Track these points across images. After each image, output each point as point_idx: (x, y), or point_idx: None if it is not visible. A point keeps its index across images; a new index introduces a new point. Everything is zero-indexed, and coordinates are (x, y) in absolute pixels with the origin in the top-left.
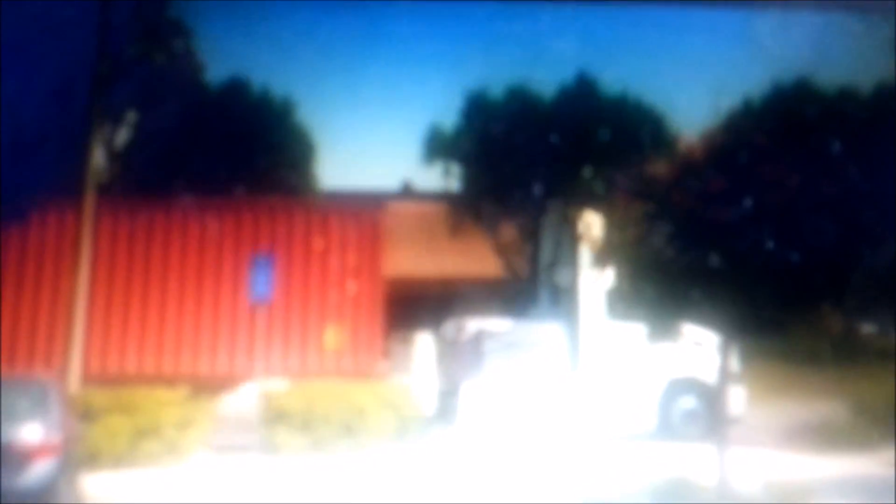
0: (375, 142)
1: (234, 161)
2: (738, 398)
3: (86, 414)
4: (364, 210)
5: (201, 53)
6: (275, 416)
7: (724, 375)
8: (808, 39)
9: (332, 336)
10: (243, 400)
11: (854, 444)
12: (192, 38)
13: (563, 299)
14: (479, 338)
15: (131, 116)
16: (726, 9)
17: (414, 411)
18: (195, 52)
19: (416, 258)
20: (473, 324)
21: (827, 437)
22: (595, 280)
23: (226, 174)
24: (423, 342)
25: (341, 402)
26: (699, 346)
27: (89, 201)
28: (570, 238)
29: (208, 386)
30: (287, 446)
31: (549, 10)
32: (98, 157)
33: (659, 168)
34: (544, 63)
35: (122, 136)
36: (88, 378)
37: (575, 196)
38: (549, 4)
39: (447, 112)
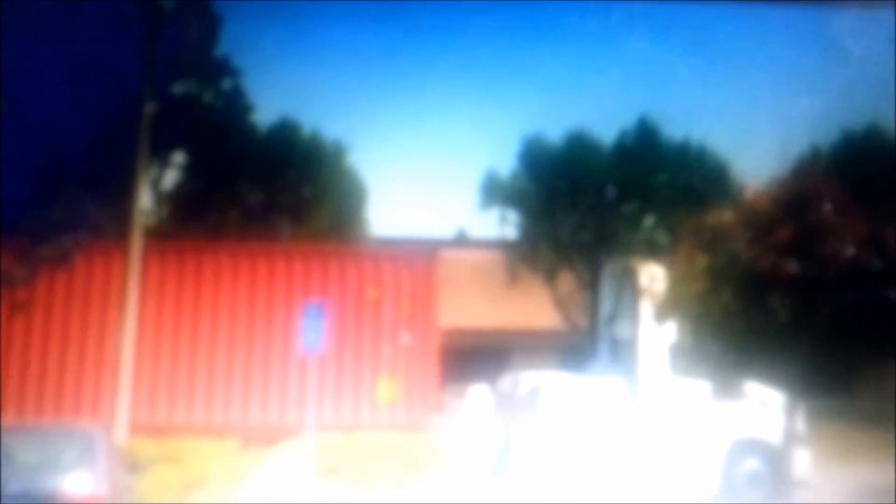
0: (430, 187)
1: (284, 205)
2: (803, 460)
3: (133, 465)
4: (418, 257)
5: (251, 94)
6: (326, 469)
7: (791, 436)
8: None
9: (386, 388)
10: (295, 453)
11: None
12: (242, 78)
13: (623, 353)
14: (536, 391)
15: (179, 157)
16: (790, 51)
17: (468, 466)
18: (244, 92)
19: (470, 308)
20: (531, 377)
21: (892, 500)
22: (657, 334)
23: (275, 218)
24: (479, 395)
25: (394, 456)
26: (764, 406)
27: (136, 244)
28: (631, 290)
29: (259, 438)
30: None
31: (609, 52)
32: (145, 199)
33: (724, 218)
34: (604, 106)
35: (170, 177)
36: (136, 428)
37: (636, 246)
38: (608, 46)
39: (503, 156)
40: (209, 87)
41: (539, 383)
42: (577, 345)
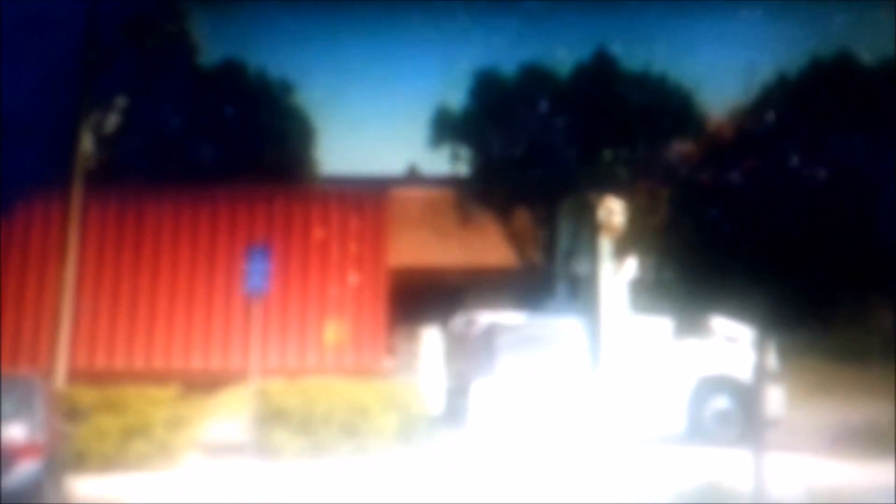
0: (379, 124)
1: (228, 146)
2: (776, 398)
3: (73, 412)
4: (367, 197)
5: (196, 35)
6: (271, 415)
7: (761, 373)
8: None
9: (333, 331)
10: (239, 398)
11: None
12: (186, 20)
13: (582, 291)
14: (491, 332)
15: (121, 101)
16: None
17: (420, 411)
18: (189, 33)
19: (422, 247)
20: (485, 317)
21: (873, 442)
22: (617, 270)
23: (220, 160)
24: (431, 337)
25: (342, 401)
26: (733, 341)
27: (77, 190)
28: (589, 225)
29: (201, 383)
30: (284, 448)
31: None
32: (87, 144)
33: (685, 149)
34: (560, 37)
35: (112, 121)
36: (75, 375)
37: (594, 180)
38: None
39: (455, 91)
40: (154, 30)
41: (494, 324)
42: (533, 283)
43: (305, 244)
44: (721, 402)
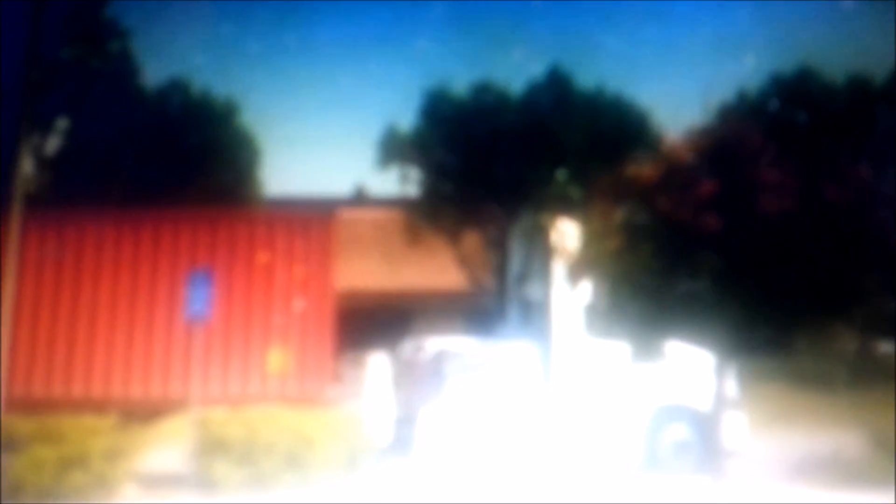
0: (325, 145)
1: (172, 168)
2: (736, 426)
3: (8, 444)
4: (313, 220)
5: (138, 55)
6: (211, 446)
7: (721, 401)
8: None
9: (277, 358)
10: (180, 427)
11: (869, 480)
12: (129, 39)
13: (534, 316)
14: (440, 358)
15: (63, 123)
16: None
17: (366, 441)
18: (132, 53)
19: (369, 270)
20: (434, 343)
21: (838, 471)
22: (570, 295)
23: (162, 182)
24: (377, 363)
25: (286, 431)
26: (691, 368)
27: (15, 213)
28: (542, 249)
29: (141, 412)
30: (225, 480)
31: None
32: (26, 167)
33: (641, 171)
34: (512, 56)
35: (53, 143)
36: (12, 404)
37: (547, 202)
38: None
39: (404, 111)
40: (96, 50)
41: (443, 349)
42: (483, 307)
43: (250, 269)
44: (679, 432)
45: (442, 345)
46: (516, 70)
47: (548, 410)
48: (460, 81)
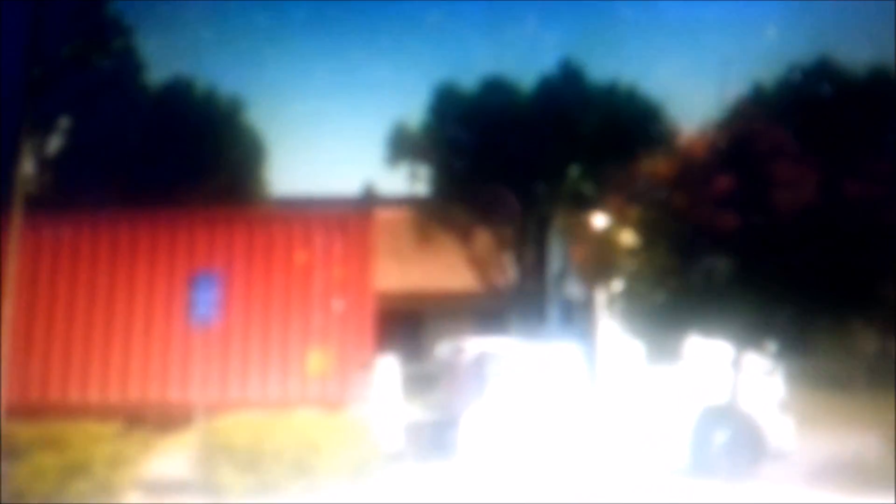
0: (332, 143)
1: (177, 167)
2: (784, 428)
3: (10, 451)
4: (351, 217)
5: (142, 53)
6: (217, 451)
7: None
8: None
9: (317, 360)
10: (184, 433)
11: (891, 484)
12: (133, 37)
13: (576, 315)
14: (481, 360)
15: (65, 122)
16: None
17: (375, 446)
18: (135, 51)
19: (378, 271)
20: (474, 344)
21: (858, 474)
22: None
23: (167, 181)
24: (386, 366)
25: (294, 436)
26: (737, 369)
27: (16, 215)
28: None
29: (145, 418)
30: (230, 486)
31: None
32: (27, 167)
33: (657, 167)
34: (523, 50)
35: (55, 143)
36: (10, 409)
37: (561, 198)
38: None
39: (413, 108)
40: (100, 47)
41: (484, 351)
42: (494, 307)
43: (287, 268)
44: (726, 433)
45: (483, 346)
46: (530, 41)
47: (592, 412)
48: (473, 63)
